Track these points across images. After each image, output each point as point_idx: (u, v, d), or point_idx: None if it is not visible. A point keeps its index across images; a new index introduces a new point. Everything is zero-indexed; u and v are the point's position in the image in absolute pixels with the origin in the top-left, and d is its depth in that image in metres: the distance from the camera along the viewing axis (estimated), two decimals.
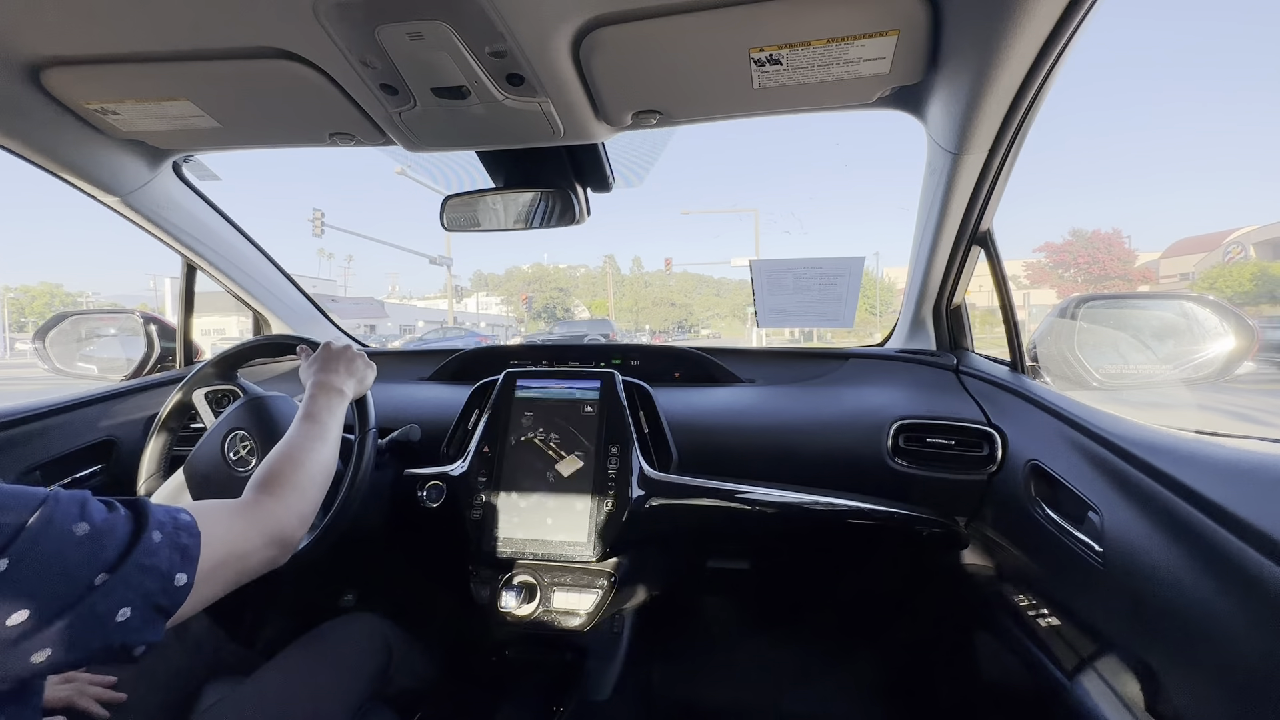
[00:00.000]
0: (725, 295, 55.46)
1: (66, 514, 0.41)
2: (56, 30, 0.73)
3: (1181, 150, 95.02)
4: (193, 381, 1.08)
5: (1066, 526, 0.81)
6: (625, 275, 55.20)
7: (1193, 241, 27.34)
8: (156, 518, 0.47)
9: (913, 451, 1.08)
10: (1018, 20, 0.63)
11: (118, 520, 0.44)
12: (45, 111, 0.90)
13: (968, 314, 1.26)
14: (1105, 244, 27.05)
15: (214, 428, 1.01)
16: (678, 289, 54.90)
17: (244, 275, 1.46)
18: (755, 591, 1.42)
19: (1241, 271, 21.99)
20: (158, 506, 0.48)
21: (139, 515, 0.46)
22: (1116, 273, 26.35)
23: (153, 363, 1.41)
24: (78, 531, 0.41)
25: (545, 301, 48.73)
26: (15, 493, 0.40)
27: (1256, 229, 23.79)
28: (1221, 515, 0.56)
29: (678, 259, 71.55)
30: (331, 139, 1.00)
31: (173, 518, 0.49)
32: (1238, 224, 40.45)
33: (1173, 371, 0.90)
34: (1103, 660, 0.74)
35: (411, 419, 1.16)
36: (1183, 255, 26.55)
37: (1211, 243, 25.67)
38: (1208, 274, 23.44)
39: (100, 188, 1.10)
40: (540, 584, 1.04)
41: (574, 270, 58.81)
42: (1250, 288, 20.86)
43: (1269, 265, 21.66)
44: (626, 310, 51.14)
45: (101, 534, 0.42)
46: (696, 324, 51.81)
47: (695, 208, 50.09)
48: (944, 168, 0.95)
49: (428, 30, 0.69)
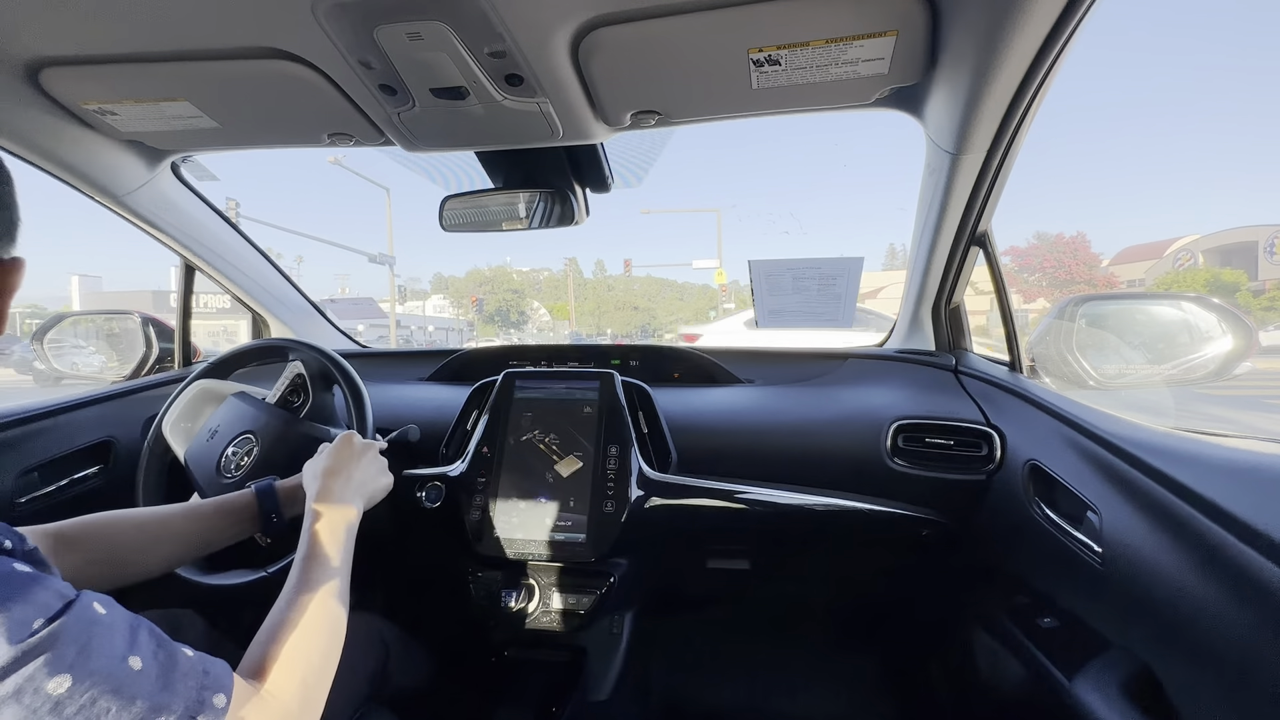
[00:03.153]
0: (689, 299, 55.07)
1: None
2: (54, 30, 0.73)
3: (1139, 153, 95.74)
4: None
5: (1065, 527, 0.81)
6: (588, 279, 54.73)
7: (1139, 249, 28.16)
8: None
9: (912, 451, 1.08)
10: (1016, 20, 0.63)
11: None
12: (43, 112, 0.90)
13: (966, 314, 1.26)
14: (1070, 248, 27.23)
15: (201, 429, 1.02)
16: (641, 293, 54.26)
17: (242, 276, 1.46)
18: (754, 592, 1.42)
19: (1194, 277, 22.73)
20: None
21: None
22: (1082, 277, 26.59)
23: (151, 363, 1.41)
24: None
25: (498, 304, 46.97)
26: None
27: (1201, 237, 24.74)
28: (1221, 515, 0.56)
29: (640, 260, 71.08)
30: (330, 139, 1.00)
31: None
32: (1178, 233, 41.82)
33: (1171, 372, 0.90)
34: (1102, 661, 0.74)
35: (410, 419, 1.16)
36: (1130, 263, 27.40)
37: (1156, 250, 26.50)
38: (1162, 280, 24.28)
39: (98, 188, 1.10)
40: (539, 584, 1.04)
41: (537, 274, 58.10)
42: (1205, 293, 21.41)
43: (1220, 271, 22.41)
44: (588, 314, 50.40)
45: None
46: (659, 328, 51.03)
47: (656, 207, 49.80)
48: (943, 168, 0.95)
49: (426, 31, 0.69)
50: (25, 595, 0.35)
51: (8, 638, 0.33)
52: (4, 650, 0.32)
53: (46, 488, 1.07)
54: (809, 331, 1.27)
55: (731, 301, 19.65)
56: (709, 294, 47.69)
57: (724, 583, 1.34)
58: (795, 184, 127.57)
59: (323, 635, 0.57)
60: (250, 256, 1.45)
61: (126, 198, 1.13)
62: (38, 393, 1.19)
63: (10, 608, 0.34)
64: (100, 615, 0.38)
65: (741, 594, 1.44)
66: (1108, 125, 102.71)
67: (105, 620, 0.38)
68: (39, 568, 0.39)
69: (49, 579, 0.37)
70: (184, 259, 1.35)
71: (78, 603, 0.37)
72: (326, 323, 1.73)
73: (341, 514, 0.71)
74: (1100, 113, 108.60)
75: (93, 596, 0.39)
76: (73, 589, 0.38)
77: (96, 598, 0.39)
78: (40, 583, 0.36)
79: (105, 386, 1.30)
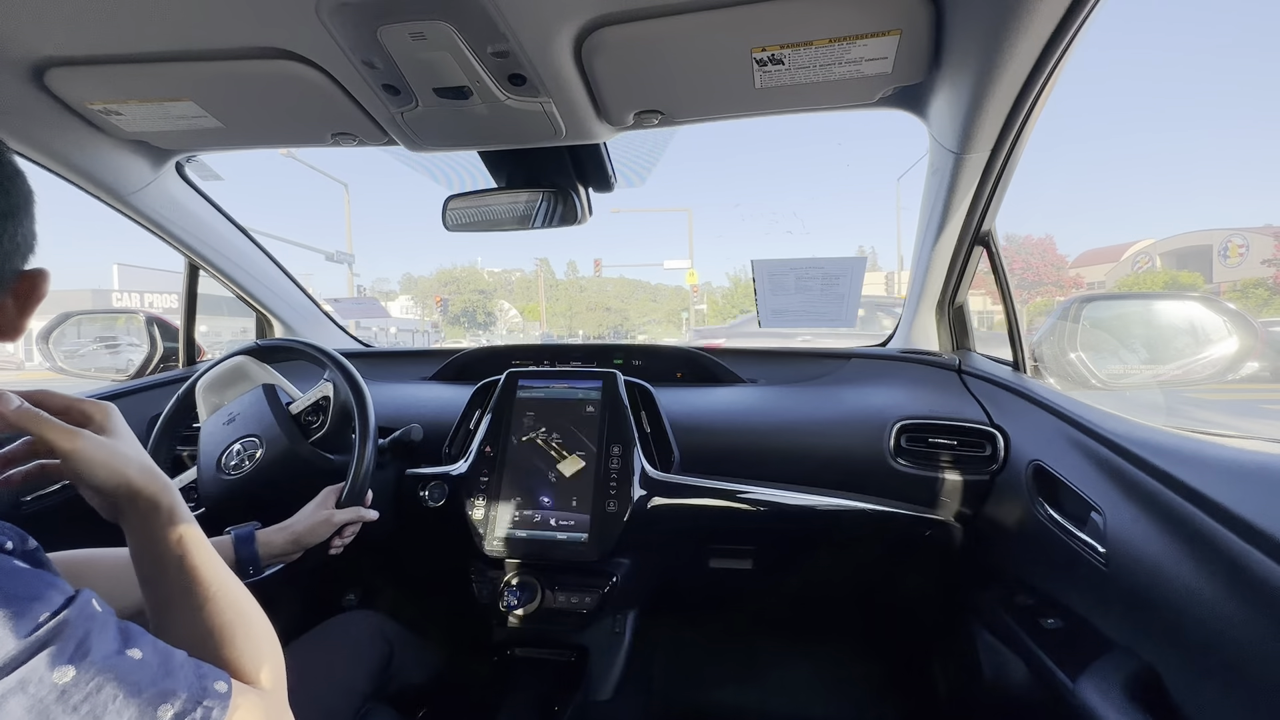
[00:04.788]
0: (662, 300, 54.32)
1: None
2: (60, 30, 0.73)
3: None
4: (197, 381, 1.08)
5: (1069, 527, 0.80)
6: (560, 280, 54.11)
7: (1097, 253, 28.68)
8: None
9: (915, 451, 1.08)
10: (1020, 19, 0.63)
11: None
12: (48, 112, 0.90)
13: (970, 314, 1.26)
14: (1039, 250, 27.42)
15: (222, 409, 1.02)
16: (614, 294, 53.33)
17: (247, 276, 1.46)
18: (757, 591, 1.42)
19: (1153, 280, 23.31)
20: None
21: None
22: (1050, 279, 26.87)
23: (155, 363, 1.42)
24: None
25: (464, 305, 45.16)
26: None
27: (1156, 241, 25.56)
28: (1225, 516, 0.56)
29: (611, 260, 70.16)
30: (334, 139, 1.00)
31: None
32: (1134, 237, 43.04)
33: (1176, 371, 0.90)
34: (1106, 661, 0.73)
35: (413, 419, 1.16)
36: (1089, 265, 27.88)
37: (1113, 254, 27.00)
38: (1123, 282, 24.64)
39: (103, 188, 1.10)
40: (542, 583, 1.04)
41: (509, 274, 57.24)
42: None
43: (1178, 274, 22.94)
44: (560, 315, 49.47)
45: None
46: (632, 329, 50.16)
47: (626, 207, 49.45)
48: (946, 167, 0.95)
49: (430, 30, 0.69)
50: (29, 591, 0.36)
51: (14, 632, 0.33)
52: (10, 644, 0.33)
53: (51, 486, 1.07)
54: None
55: (703, 303, 19.64)
56: (682, 295, 47.26)
57: (726, 583, 1.33)
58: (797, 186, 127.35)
59: (267, 630, 0.55)
60: (255, 256, 1.46)
61: (131, 197, 1.14)
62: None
63: (14, 603, 0.34)
64: (98, 612, 0.39)
65: (744, 594, 1.44)
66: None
67: (103, 617, 0.39)
68: (40, 566, 0.39)
69: (50, 576, 0.38)
70: (189, 259, 1.36)
71: (79, 599, 0.38)
72: (331, 323, 1.74)
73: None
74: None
75: (91, 594, 0.39)
76: (71, 586, 0.39)
77: (94, 596, 0.40)
78: (42, 579, 0.37)
79: (110, 385, 1.31)
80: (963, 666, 1.16)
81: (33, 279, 0.48)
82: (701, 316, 30.42)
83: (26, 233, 0.46)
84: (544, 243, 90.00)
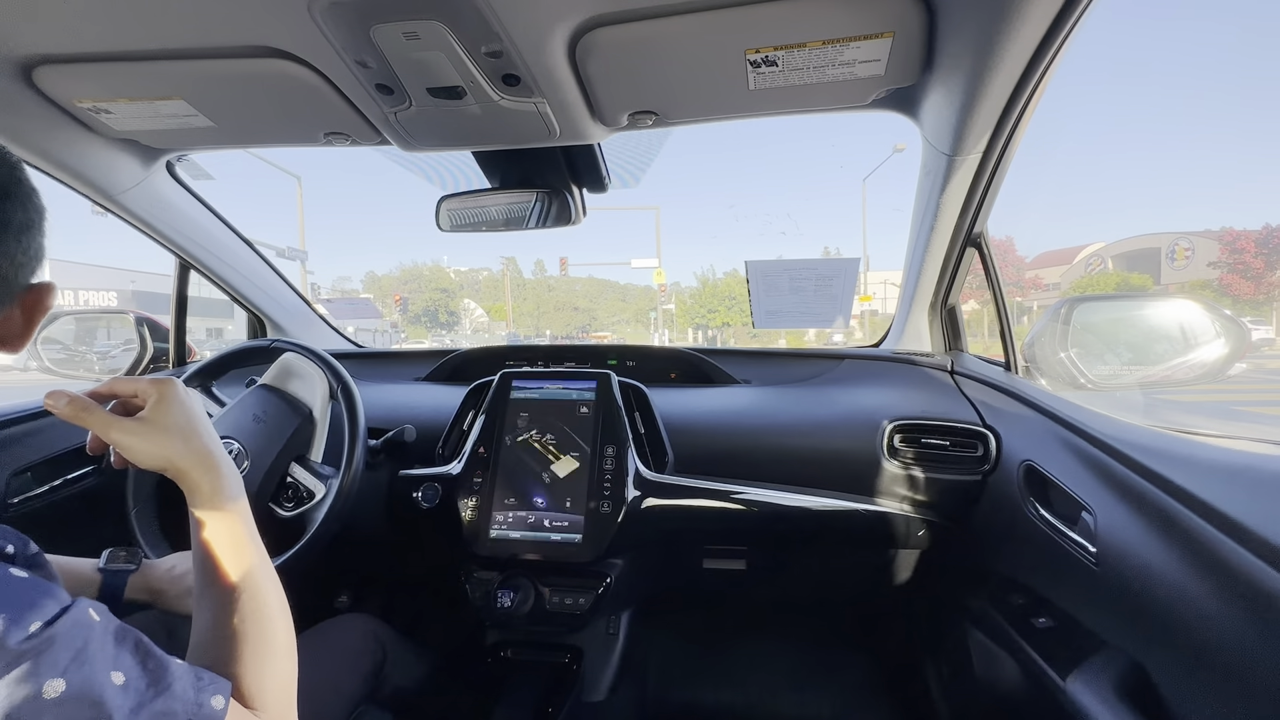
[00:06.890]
0: (630, 300, 53.94)
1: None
2: (48, 28, 0.72)
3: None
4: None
5: (1060, 527, 0.81)
6: (528, 279, 53.55)
7: (1052, 255, 29.54)
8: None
9: (908, 452, 1.08)
10: (1012, 22, 0.63)
11: None
12: (37, 110, 0.89)
13: (961, 315, 1.27)
14: (1000, 251, 28.06)
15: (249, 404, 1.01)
16: (583, 293, 53.26)
17: (238, 276, 1.45)
18: (751, 592, 1.42)
19: (1106, 281, 24.07)
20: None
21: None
22: (1010, 279, 27.69)
23: (145, 363, 1.41)
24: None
25: (425, 304, 44.80)
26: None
27: (1108, 245, 26.55)
28: (1214, 515, 0.56)
29: (577, 259, 69.41)
30: (326, 139, 1.00)
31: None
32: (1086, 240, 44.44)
33: (1165, 372, 0.91)
34: (1097, 660, 0.74)
35: (406, 419, 1.15)
36: (1044, 267, 28.63)
37: (1067, 257, 27.84)
38: (1077, 284, 25.31)
39: (93, 187, 1.09)
40: (535, 585, 1.04)
41: (476, 273, 56.33)
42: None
43: (1130, 276, 23.82)
44: (527, 314, 49.42)
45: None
46: (599, 329, 50.20)
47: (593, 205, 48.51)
48: (939, 169, 0.95)
49: (423, 30, 0.69)
50: (21, 599, 0.35)
51: (3, 639, 0.33)
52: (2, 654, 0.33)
53: (39, 488, 1.06)
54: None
55: (671, 302, 19.64)
56: (650, 294, 46.94)
57: (720, 583, 1.34)
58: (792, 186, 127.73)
59: (288, 643, 0.54)
60: (246, 256, 1.45)
61: (121, 196, 1.13)
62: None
63: (6, 611, 0.34)
64: (95, 621, 0.38)
65: (738, 594, 1.44)
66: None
67: (100, 627, 0.38)
68: (38, 572, 0.39)
69: (45, 584, 0.38)
70: (179, 258, 1.34)
71: (74, 608, 0.37)
72: (322, 323, 1.73)
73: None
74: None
75: (88, 603, 0.39)
76: (68, 595, 0.38)
77: (92, 605, 0.39)
78: (37, 587, 0.37)
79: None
80: (954, 665, 1.16)
81: (39, 292, 0.49)
82: (670, 317, 30.14)
83: (38, 247, 0.48)
84: (511, 241, 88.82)
